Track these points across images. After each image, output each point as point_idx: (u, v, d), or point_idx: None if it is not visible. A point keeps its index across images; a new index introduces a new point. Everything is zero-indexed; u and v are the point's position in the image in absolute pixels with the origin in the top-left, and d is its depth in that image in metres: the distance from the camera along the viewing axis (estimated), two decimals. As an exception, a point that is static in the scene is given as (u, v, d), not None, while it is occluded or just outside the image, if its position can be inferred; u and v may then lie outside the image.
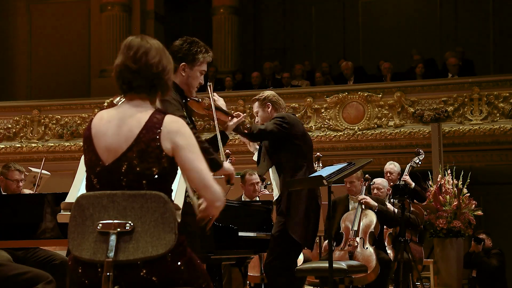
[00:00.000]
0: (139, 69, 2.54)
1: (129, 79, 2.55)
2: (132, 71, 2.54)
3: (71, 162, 10.79)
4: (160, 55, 2.58)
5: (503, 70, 12.64)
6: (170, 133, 2.49)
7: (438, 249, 8.14)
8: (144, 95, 2.57)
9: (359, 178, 6.40)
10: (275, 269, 4.60)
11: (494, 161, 10.99)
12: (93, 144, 2.54)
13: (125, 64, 2.56)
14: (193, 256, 2.53)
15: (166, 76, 2.59)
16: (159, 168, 2.49)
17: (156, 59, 2.56)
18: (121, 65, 2.56)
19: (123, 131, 2.51)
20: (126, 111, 2.56)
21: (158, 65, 2.56)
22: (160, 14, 14.29)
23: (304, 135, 4.81)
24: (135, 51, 2.55)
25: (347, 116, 11.08)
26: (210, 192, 2.53)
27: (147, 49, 2.56)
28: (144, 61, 2.54)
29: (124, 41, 2.61)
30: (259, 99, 4.89)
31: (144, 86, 2.56)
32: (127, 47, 2.58)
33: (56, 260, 4.73)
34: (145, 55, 2.55)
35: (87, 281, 2.45)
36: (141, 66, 2.54)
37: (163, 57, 2.59)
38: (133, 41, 2.59)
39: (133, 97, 2.58)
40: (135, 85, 2.55)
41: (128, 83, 2.56)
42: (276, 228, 4.65)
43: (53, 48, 14.18)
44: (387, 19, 14.53)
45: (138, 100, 2.57)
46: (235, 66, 13.74)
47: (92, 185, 2.56)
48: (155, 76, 2.56)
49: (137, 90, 2.56)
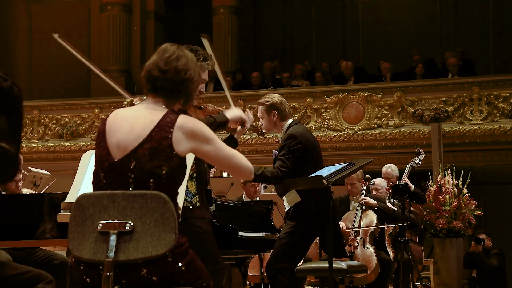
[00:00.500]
0: (167, 71, 2.62)
1: (155, 78, 2.63)
2: (160, 70, 2.63)
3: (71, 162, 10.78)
4: (190, 65, 2.67)
5: (503, 70, 12.64)
6: (186, 133, 2.54)
7: (438, 249, 8.14)
8: (164, 98, 2.63)
9: (360, 180, 6.40)
10: (277, 270, 4.60)
11: (494, 161, 11.00)
12: (105, 140, 2.58)
13: (156, 63, 2.64)
14: (195, 257, 2.54)
15: (191, 85, 2.67)
16: (168, 168, 2.51)
17: (185, 67, 2.65)
18: (152, 63, 2.65)
19: (135, 129, 2.55)
20: (141, 110, 2.62)
21: (186, 72, 2.64)
22: (160, 14, 14.29)
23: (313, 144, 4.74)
24: (170, 54, 2.65)
25: (347, 116, 11.08)
26: (243, 170, 2.70)
27: (180, 56, 2.66)
28: (174, 65, 2.63)
29: (161, 46, 2.72)
30: (265, 105, 4.80)
31: (166, 89, 2.63)
32: (163, 50, 2.68)
33: (56, 260, 4.73)
34: (177, 60, 2.64)
35: (89, 279, 2.46)
36: (170, 68, 2.62)
37: (193, 68, 2.68)
38: (169, 47, 2.70)
39: (152, 99, 2.64)
40: (158, 85, 2.62)
41: (153, 82, 2.63)
42: (285, 231, 4.63)
43: (53, 48, 14.17)
44: (387, 19, 14.54)
45: (156, 102, 2.63)
46: (235, 66, 13.75)
47: (98, 180, 2.57)
48: (180, 82, 2.63)
49: (159, 92, 2.63)
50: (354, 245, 6.04)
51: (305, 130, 4.83)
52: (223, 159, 2.65)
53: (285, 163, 4.57)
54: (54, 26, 14.21)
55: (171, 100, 2.65)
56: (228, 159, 2.65)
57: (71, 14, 14.29)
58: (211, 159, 2.66)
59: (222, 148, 2.64)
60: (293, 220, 4.63)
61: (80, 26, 14.21)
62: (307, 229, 4.60)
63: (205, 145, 2.58)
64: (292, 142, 4.60)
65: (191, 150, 2.58)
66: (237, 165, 2.67)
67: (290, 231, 4.60)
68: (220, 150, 2.63)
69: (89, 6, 14.22)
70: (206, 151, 2.60)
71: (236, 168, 2.68)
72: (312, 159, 4.67)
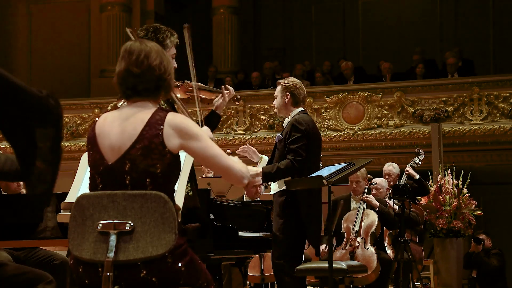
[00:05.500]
0: (142, 73, 2.56)
1: (133, 84, 2.57)
2: (135, 75, 2.56)
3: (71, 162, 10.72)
4: (160, 57, 2.60)
5: (503, 70, 12.63)
6: (175, 130, 2.52)
7: (438, 249, 8.14)
8: (149, 97, 2.60)
9: (365, 178, 6.40)
10: (282, 267, 4.63)
11: (494, 161, 10.99)
12: (97, 144, 2.56)
13: (127, 69, 2.57)
14: (194, 257, 2.54)
15: (168, 76, 2.62)
16: (162, 166, 2.50)
17: (157, 61, 2.58)
18: (124, 71, 2.58)
19: (126, 130, 2.53)
20: (129, 111, 2.58)
21: (160, 66, 2.58)
22: (160, 14, 14.28)
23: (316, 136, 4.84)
24: (137, 55, 2.57)
25: (347, 116, 11.08)
26: (233, 173, 2.59)
27: (148, 52, 2.57)
28: (147, 64, 2.56)
29: (123, 47, 2.63)
30: (283, 85, 4.86)
31: (149, 89, 2.59)
32: (128, 52, 2.59)
33: (56, 260, 4.72)
34: (147, 59, 2.57)
35: (88, 280, 2.46)
36: (144, 70, 2.56)
37: (163, 58, 2.61)
38: (132, 46, 2.60)
39: (137, 100, 2.60)
40: (140, 89, 2.57)
41: (133, 88, 2.58)
42: (277, 226, 4.67)
43: (53, 48, 14.18)
44: (387, 19, 14.54)
45: (141, 101, 2.60)
46: (235, 66, 13.74)
47: (95, 184, 2.57)
48: (158, 78, 2.58)
49: (143, 94, 2.59)
50: (354, 245, 6.03)
51: (311, 120, 4.90)
52: (212, 157, 2.57)
53: (298, 152, 4.63)
54: (54, 26, 14.24)
55: (156, 95, 2.62)
56: (217, 158, 2.57)
57: (71, 14, 14.27)
58: (199, 157, 2.59)
59: (212, 146, 2.58)
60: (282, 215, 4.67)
61: (80, 26, 14.20)
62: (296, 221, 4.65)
63: (193, 141, 2.54)
64: (299, 129, 4.67)
65: (180, 146, 2.54)
66: (227, 165, 2.58)
67: (282, 226, 4.64)
68: (209, 148, 2.57)
69: (89, 6, 14.21)
70: (194, 148, 2.55)
71: (226, 169, 2.58)
72: (312, 150, 4.73)
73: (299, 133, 4.66)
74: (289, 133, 4.70)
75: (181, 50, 3.91)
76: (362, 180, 6.35)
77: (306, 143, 4.66)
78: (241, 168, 2.60)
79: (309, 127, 4.73)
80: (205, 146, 2.56)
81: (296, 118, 4.75)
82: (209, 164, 2.65)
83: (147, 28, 3.79)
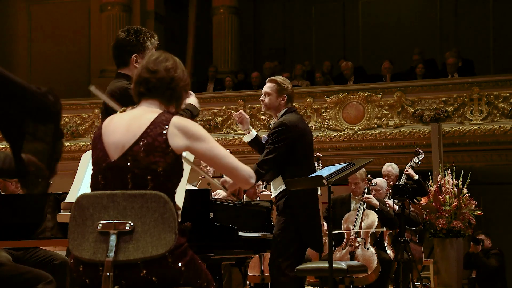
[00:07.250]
0: (157, 70, 2.66)
1: (146, 79, 2.66)
2: (150, 71, 2.66)
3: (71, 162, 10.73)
4: (177, 66, 2.72)
5: (503, 70, 12.63)
6: (180, 131, 2.55)
7: (438, 249, 8.14)
8: (158, 99, 2.66)
9: (364, 179, 6.39)
10: (279, 268, 4.62)
11: (494, 161, 10.99)
12: (102, 142, 2.60)
13: (145, 66, 2.69)
14: (194, 257, 2.54)
15: (180, 84, 2.69)
16: (164, 164, 2.52)
17: (174, 66, 2.70)
18: (141, 68, 2.71)
19: (132, 128, 2.57)
20: (136, 112, 2.64)
21: (175, 70, 2.68)
22: (160, 14, 14.28)
23: (303, 133, 4.78)
24: (157, 56, 2.71)
25: (347, 116, 11.08)
26: (240, 173, 2.65)
27: (168, 57, 2.71)
28: (163, 65, 2.67)
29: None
30: (281, 86, 4.78)
31: (159, 88, 2.65)
32: (150, 54, 2.76)
33: (56, 260, 4.72)
34: (165, 61, 2.69)
35: (88, 280, 2.46)
36: (159, 68, 2.66)
37: (180, 68, 2.72)
38: (155, 52, 2.80)
39: (146, 101, 2.66)
40: (151, 86, 2.65)
41: (146, 84, 2.66)
42: (278, 227, 4.67)
43: (53, 48, 14.18)
44: (387, 19, 14.54)
45: (151, 101, 2.66)
46: (235, 66, 13.74)
47: (97, 181, 2.58)
48: (171, 80, 2.66)
49: (153, 92, 2.65)
50: (355, 246, 6.04)
51: (298, 119, 4.83)
52: (218, 158, 2.62)
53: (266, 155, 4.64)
54: (54, 26, 14.24)
55: (165, 98, 2.66)
56: (224, 158, 2.62)
57: (71, 14, 14.28)
58: (206, 158, 2.63)
59: (218, 147, 2.63)
60: (283, 216, 4.67)
61: (80, 26, 14.20)
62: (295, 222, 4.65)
63: (199, 143, 2.58)
64: (276, 135, 4.65)
65: (186, 148, 2.58)
66: (233, 166, 2.63)
67: (282, 227, 4.64)
68: (215, 149, 2.61)
69: (89, 6, 14.21)
70: (200, 149, 2.59)
71: (233, 169, 2.64)
72: (300, 149, 4.70)
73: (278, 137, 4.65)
74: (271, 134, 4.72)
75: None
76: (361, 181, 6.34)
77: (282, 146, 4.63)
78: (248, 169, 2.66)
79: (293, 127, 4.68)
80: (211, 147, 2.60)
81: (281, 121, 4.72)
82: (215, 165, 2.68)
83: (128, 29, 3.77)
